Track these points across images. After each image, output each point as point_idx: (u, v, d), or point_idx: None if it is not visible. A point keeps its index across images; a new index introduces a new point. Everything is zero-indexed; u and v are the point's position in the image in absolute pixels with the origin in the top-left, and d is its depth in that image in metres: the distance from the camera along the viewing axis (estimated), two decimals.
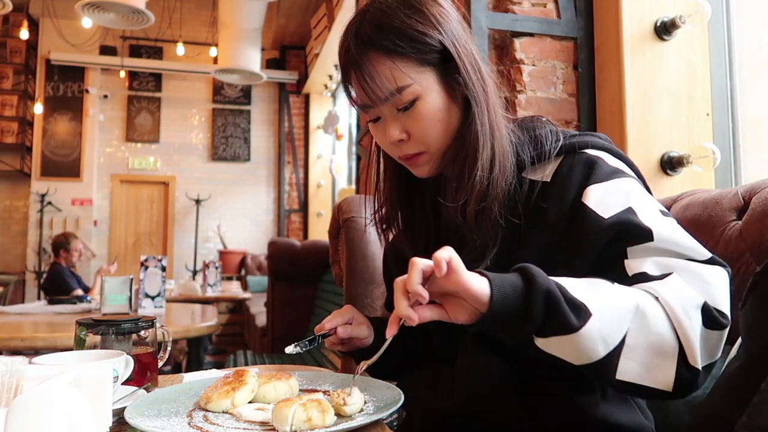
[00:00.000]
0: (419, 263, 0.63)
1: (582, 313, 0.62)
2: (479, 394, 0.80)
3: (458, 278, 0.62)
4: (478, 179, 0.78)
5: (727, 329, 0.66)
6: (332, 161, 6.68)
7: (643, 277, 0.68)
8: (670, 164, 1.64)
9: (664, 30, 1.66)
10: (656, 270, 0.68)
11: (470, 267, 0.66)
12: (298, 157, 7.62)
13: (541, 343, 0.65)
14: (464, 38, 0.82)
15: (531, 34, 1.77)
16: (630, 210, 0.72)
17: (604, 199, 0.73)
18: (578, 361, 0.64)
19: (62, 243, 4.49)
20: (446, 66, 0.80)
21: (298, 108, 7.70)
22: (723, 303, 0.66)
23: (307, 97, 7.59)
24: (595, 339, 0.62)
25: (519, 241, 0.79)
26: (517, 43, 1.76)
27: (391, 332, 0.69)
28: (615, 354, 0.63)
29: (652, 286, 0.66)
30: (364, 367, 0.79)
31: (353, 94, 0.83)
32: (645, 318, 0.63)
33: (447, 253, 0.62)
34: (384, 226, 0.95)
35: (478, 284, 0.63)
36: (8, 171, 6.99)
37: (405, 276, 0.65)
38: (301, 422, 0.63)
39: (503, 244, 0.80)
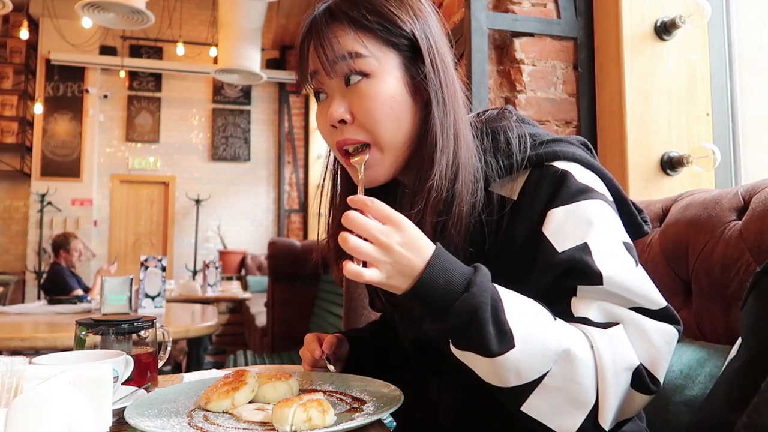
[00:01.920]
0: (368, 230, 0.61)
1: (504, 341, 0.60)
2: (467, 413, 0.78)
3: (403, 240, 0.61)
4: (436, 184, 0.71)
5: (654, 395, 0.64)
6: None
7: (585, 323, 0.65)
8: (670, 164, 1.64)
9: (664, 30, 1.66)
10: (601, 317, 0.65)
11: None
12: (298, 157, 7.62)
13: (457, 352, 0.64)
14: (440, 40, 0.78)
15: (531, 34, 1.77)
16: (585, 247, 0.66)
17: (562, 228, 0.68)
18: (487, 380, 0.63)
19: (62, 243, 4.49)
20: (414, 58, 0.75)
21: (298, 108, 7.70)
22: (660, 368, 0.64)
23: (307, 98, 7.59)
24: (509, 369, 0.61)
25: (485, 262, 0.68)
26: (517, 43, 1.76)
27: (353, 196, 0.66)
28: (527, 388, 0.61)
29: (592, 333, 0.63)
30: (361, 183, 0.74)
31: (304, 67, 0.77)
32: (572, 365, 0.61)
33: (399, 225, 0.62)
34: (338, 256, 0.81)
35: (420, 254, 0.62)
36: (8, 171, 6.99)
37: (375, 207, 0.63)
38: (301, 422, 0.63)
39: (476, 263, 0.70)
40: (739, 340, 0.61)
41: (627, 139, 1.63)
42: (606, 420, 0.61)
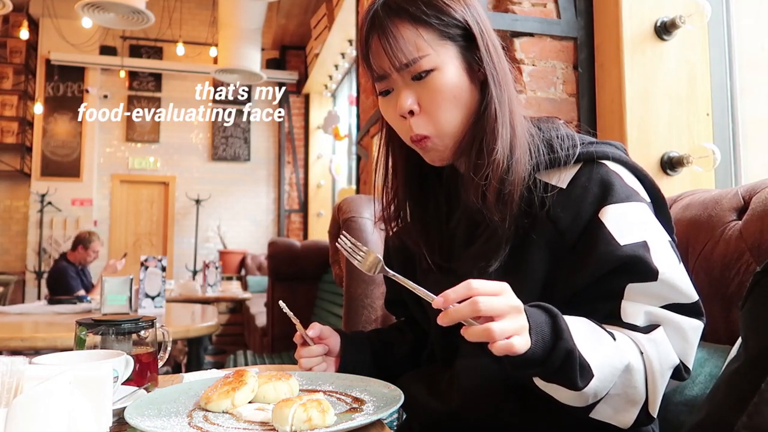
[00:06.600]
0: (498, 307, 0.61)
1: (586, 374, 0.66)
2: (479, 395, 0.80)
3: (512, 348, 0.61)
4: (500, 153, 0.77)
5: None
6: (332, 161, 6.68)
7: (633, 328, 0.73)
8: (670, 164, 1.64)
9: (664, 30, 1.66)
10: (645, 321, 0.73)
11: (483, 265, 0.72)
12: (298, 157, 7.62)
13: (541, 384, 0.70)
14: (487, 23, 0.83)
15: (531, 34, 1.77)
16: (644, 245, 0.72)
17: (622, 223, 0.73)
18: (566, 402, 0.70)
19: (85, 240, 4.47)
20: (468, 45, 0.80)
21: (298, 108, 7.70)
22: (691, 359, 0.73)
23: (307, 97, 7.58)
24: (589, 395, 0.68)
25: (531, 239, 0.78)
26: (517, 43, 1.76)
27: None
28: (598, 401, 0.70)
29: (640, 340, 0.71)
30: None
31: (371, 63, 0.82)
32: (630, 374, 0.69)
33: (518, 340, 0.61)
34: (393, 224, 0.94)
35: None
36: (8, 171, 6.99)
37: (485, 287, 0.62)
38: (301, 422, 0.63)
39: (515, 240, 0.79)
40: (739, 340, 0.61)
41: (627, 139, 1.63)
42: (654, 410, 0.71)
